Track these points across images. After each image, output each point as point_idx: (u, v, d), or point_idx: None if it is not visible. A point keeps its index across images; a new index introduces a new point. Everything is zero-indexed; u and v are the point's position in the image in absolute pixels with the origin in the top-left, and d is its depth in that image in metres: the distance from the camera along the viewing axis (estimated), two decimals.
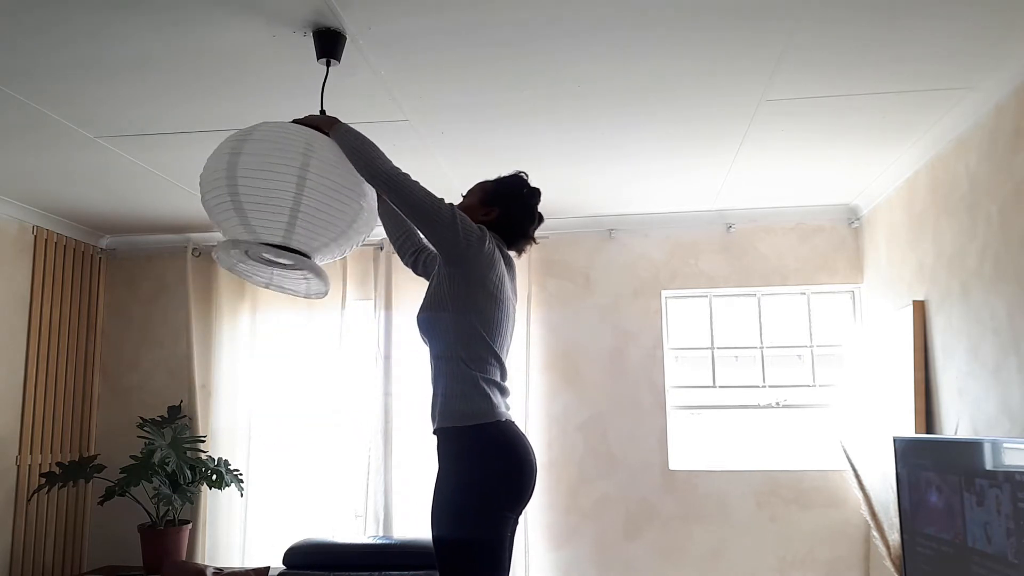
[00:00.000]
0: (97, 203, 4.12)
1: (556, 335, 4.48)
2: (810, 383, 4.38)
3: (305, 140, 2.04)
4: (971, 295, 3.02)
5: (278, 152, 2.00)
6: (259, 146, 2.01)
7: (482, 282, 2.13)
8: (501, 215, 2.26)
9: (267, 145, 2.01)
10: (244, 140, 2.03)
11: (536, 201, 2.35)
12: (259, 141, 2.02)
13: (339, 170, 2.07)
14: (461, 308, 2.12)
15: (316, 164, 2.01)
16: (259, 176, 1.98)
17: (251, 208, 2.01)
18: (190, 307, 4.59)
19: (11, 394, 4.11)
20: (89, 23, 2.29)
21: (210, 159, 2.09)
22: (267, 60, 2.53)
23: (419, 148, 3.32)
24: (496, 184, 2.33)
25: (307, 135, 2.07)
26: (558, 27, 2.34)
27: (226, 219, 2.07)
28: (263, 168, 1.98)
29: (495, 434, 2.09)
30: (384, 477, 4.31)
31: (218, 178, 2.02)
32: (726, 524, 4.23)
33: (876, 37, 2.42)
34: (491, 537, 2.05)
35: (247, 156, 2.00)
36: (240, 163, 1.99)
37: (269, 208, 2.00)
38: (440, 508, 2.06)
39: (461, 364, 2.11)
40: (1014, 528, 2.27)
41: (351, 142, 2.08)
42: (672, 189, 4.00)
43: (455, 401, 2.09)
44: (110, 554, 4.54)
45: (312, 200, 2.01)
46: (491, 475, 2.06)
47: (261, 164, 1.98)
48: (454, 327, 2.12)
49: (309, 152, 2.02)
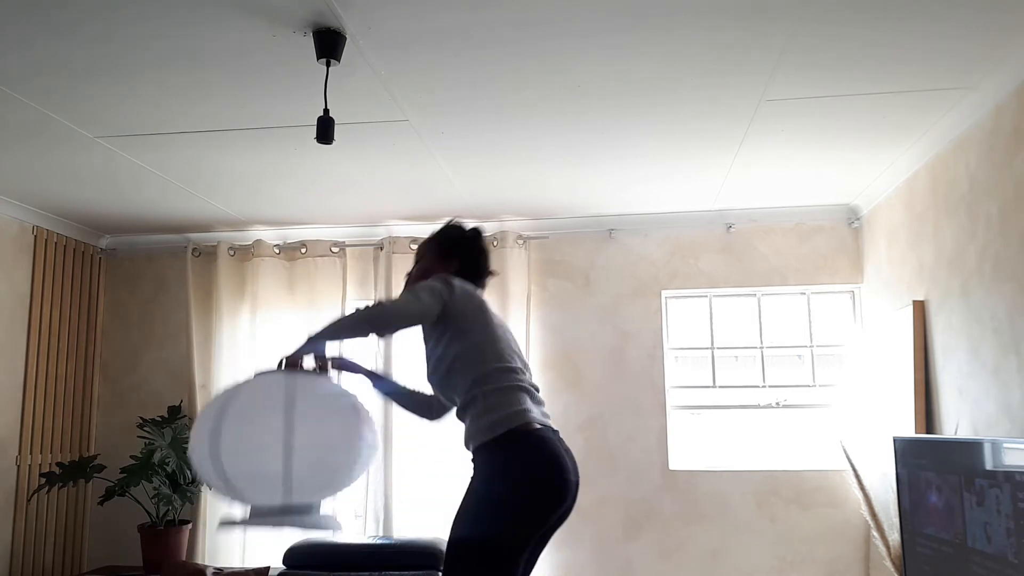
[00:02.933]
0: (97, 203, 4.12)
1: (556, 335, 4.48)
2: (810, 383, 4.38)
3: (283, 402, 1.90)
4: (971, 295, 3.02)
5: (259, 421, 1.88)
6: (238, 416, 1.90)
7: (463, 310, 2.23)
8: (462, 262, 2.40)
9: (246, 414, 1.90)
10: (222, 416, 1.90)
11: (482, 239, 2.50)
12: (238, 410, 1.91)
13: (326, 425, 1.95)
14: (461, 341, 2.20)
15: (301, 428, 1.87)
16: (243, 459, 1.88)
17: (244, 487, 1.91)
18: (190, 307, 4.59)
19: (11, 394, 4.12)
20: (89, 25, 2.29)
21: (193, 433, 1.98)
22: (267, 60, 2.53)
23: (419, 148, 3.32)
24: (441, 238, 2.47)
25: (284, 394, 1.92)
26: (558, 27, 2.34)
27: (221, 491, 1.97)
28: (245, 450, 1.87)
29: (525, 438, 2.06)
30: (384, 477, 4.31)
31: (203, 457, 1.92)
32: (726, 524, 4.23)
33: (876, 37, 2.42)
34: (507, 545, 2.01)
35: (227, 431, 1.88)
36: (222, 447, 1.87)
37: (261, 486, 1.89)
38: (461, 512, 2.06)
39: (483, 384, 2.16)
40: (1014, 528, 2.27)
41: (340, 334, 2.12)
42: (672, 189, 4.00)
43: (486, 415, 2.11)
44: (110, 554, 4.54)
45: (304, 467, 1.88)
46: (520, 485, 2.02)
47: (242, 446, 1.87)
48: (464, 359, 2.19)
49: (290, 414, 1.89)
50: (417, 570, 3.69)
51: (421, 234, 4.33)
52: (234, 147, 3.31)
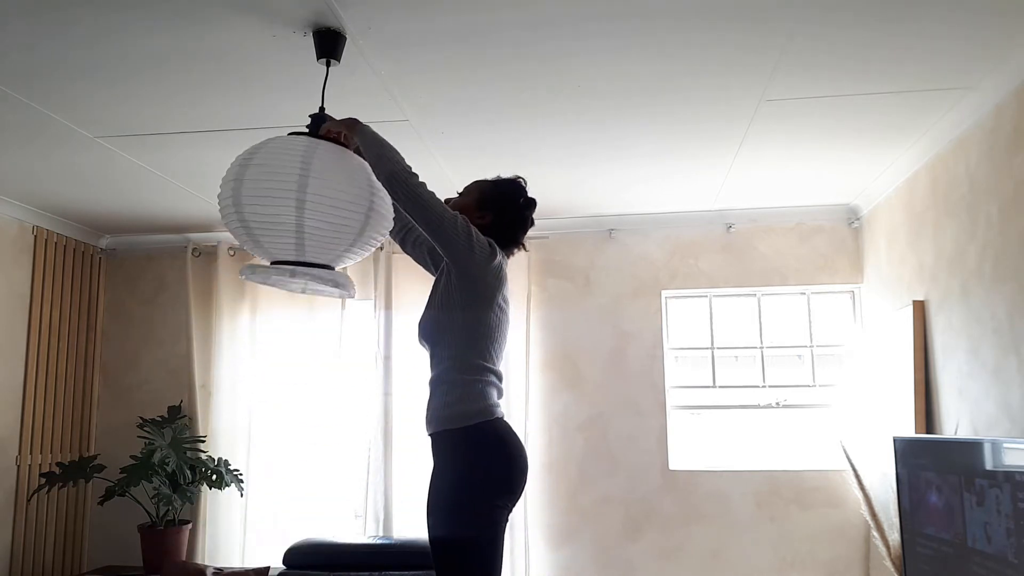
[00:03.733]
0: (97, 203, 4.12)
1: (556, 335, 4.48)
2: (810, 383, 4.38)
3: (301, 160, 2.07)
4: (971, 295, 3.02)
5: (274, 177, 2.06)
6: (257, 171, 2.08)
7: (491, 293, 2.18)
8: (494, 221, 2.27)
9: (264, 170, 2.07)
10: (245, 166, 2.10)
11: (531, 212, 2.36)
12: (257, 166, 2.09)
13: (339, 185, 2.10)
14: (470, 315, 2.15)
15: (314, 183, 2.06)
16: (260, 203, 2.07)
17: (260, 233, 2.11)
18: (190, 307, 4.59)
19: (11, 394, 4.12)
20: (89, 25, 2.29)
21: (222, 182, 2.17)
22: (267, 60, 2.53)
23: (419, 148, 3.32)
24: (493, 188, 2.33)
25: (304, 153, 2.09)
26: (558, 27, 2.34)
27: (244, 242, 2.18)
28: (262, 195, 2.06)
29: (489, 431, 2.12)
30: (384, 477, 4.31)
31: (227, 206, 2.13)
32: (726, 524, 4.23)
33: (876, 37, 2.42)
34: (487, 534, 2.07)
35: (248, 183, 2.08)
36: (243, 191, 2.08)
37: (275, 231, 2.09)
38: (436, 505, 2.08)
39: (464, 369, 2.14)
40: (1014, 528, 2.27)
41: (373, 149, 2.09)
42: (672, 189, 4.00)
43: (456, 405, 2.12)
44: (110, 554, 4.54)
45: (314, 219, 2.06)
46: (486, 470, 2.09)
47: (260, 191, 2.06)
48: (462, 332, 2.15)
49: (306, 173, 2.06)
50: (417, 570, 3.69)
51: None
52: (234, 147, 3.29)
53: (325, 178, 2.08)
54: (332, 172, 2.10)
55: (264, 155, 2.11)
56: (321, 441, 4.53)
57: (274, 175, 2.06)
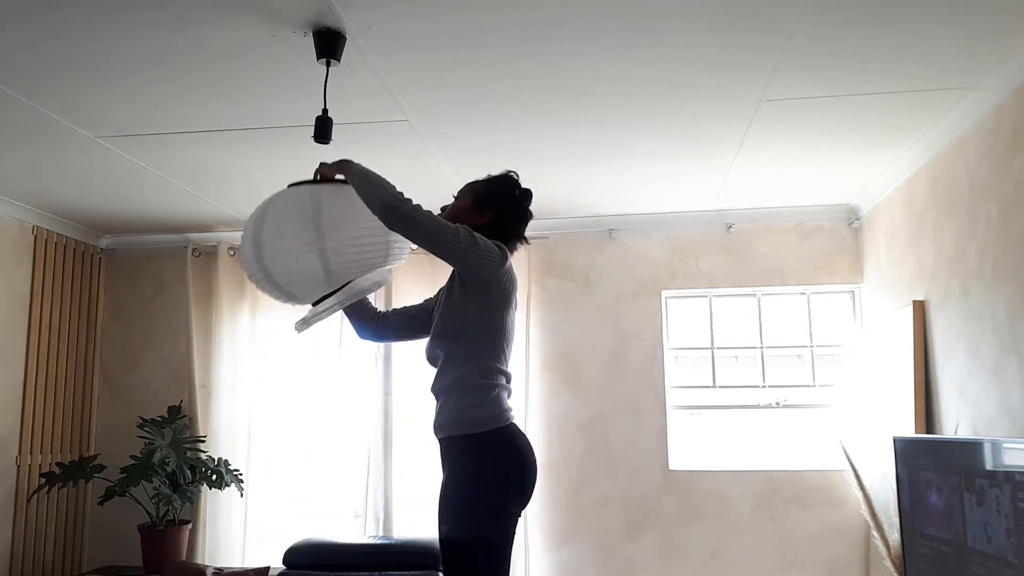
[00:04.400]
0: (97, 203, 4.12)
1: (556, 335, 4.48)
2: (810, 383, 4.38)
3: (311, 210, 2.10)
4: (971, 295, 3.02)
5: (291, 235, 2.09)
6: (272, 233, 2.11)
7: (507, 297, 2.17)
8: (494, 218, 2.25)
9: (279, 230, 2.11)
10: (259, 228, 2.13)
11: (528, 202, 2.34)
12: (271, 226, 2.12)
13: (353, 222, 2.12)
14: (487, 321, 2.15)
15: (330, 230, 2.09)
16: (285, 263, 2.11)
17: (294, 289, 2.16)
18: (190, 307, 4.58)
19: (11, 394, 4.11)
20: (90, 25, 2.29)
21: (240, 248, 2.22)
22: (267, 60, 2.53)
23: (419, 148, 3.31)
24: (488, 185, 2.31)
25: (312, 202, 2.11)
26: (558, 27, 2.34)
27: (278, 297, 2.22)
28: (284, 255, 2.10)
29: (504, 437, 2.13)
30: (384, 477, 4.31)
31: (255, 272, 2.16)
32: (726, 524, 4.23)
33: (876, 37, 2.42)
34: (501, 537, 2.09)
35: (267, 246, 2.11)
36: (265, 256, 2.11)
37: (307, 284, 2.14)
38: (450, 508, 2.08)
39: (481, 374, 2.14)
40: (1014, 528, 2.27)
41: (361, 185, 2.07)
42: (672, 189, 4.00)
43: (473, 410, 2.12)
44: (110, 554, 4.54)
45: (341, 261, 2.12)
46: (500, 474, 2.10)
47: (281, 251, 2.10)
48: (480, 338, 2.15)
49: (319, 221, 2.09)
50: (417, 570, 3.69)
51: None
52: (234, 147, 3.31)
53: (339, 220, 2.10)
54: (343, 212, 2.11)
55: (274, 214, 2.13)
56: (321, 441, 4.53)
57: (290, 234, 2.09)
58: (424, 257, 4.40)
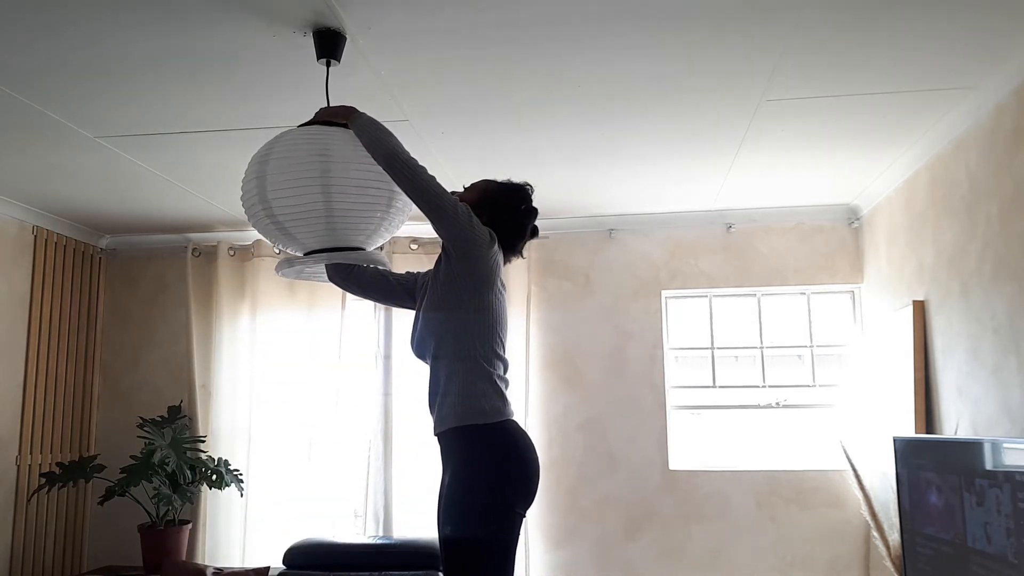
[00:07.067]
0: (97, 203, 4.12)
1: (556, 335, 4.48)
2: (810, 383, 4.38)
3: (320, 146, 2.12)
4: (971, 295, 3.02)
5: (297, 168, 2.10)
6: (279, 165, 2.12)
7: (490, 281, 2.15)
8: (491, 223, 2.19)
9: (286, 163, 2.11)
10: (266, 161, 2.14)
11: (531, 220, 2.31)
12: (278, 159, 2.13)
13: (361, 165, 2.13)
14: (476, 301, 2.13)
15: (336, 167, 2.11)
16: (287, 195, 2.11)
17: (291, 225, 2.15)
18: (190, 307, 4.58)
19: (11, 394, 4.11)
20: (89, 25, 2.29)
21: (243, 183, 2.21)
22: (267, 60, 2.53)
23: (419, 148, 3.31)
24: (498, 190, 2.29)
25: (322, 140, 2.13)
26: (558, 27, 2.34)
27: (275, 237, 2.22)
28: (288, 187, 2.10)
29: (504, 433, 2.12)
30: (384, 477, 4.31)
31: (254, 204, 2.17)
32: (726, 524, 4.23)
33: (876, 37, 2.42)
34: (506, 538, 2.06)
35: (271, 178, 2.12)
36: (268, 186, 2.12)
37: (306, 221, 2.13)
38: (455, 508, 2.06)
39: (480, 362, 2.12)
40: (1014, 528, 2.27)
41: (369, 133, 2.10)
42: (672, 189, 4.00)
43: (476, 400, 2.10)
44: (110, 554, 4.54)
45: (342, 202, 2.12)
46: (504, 474, 2.08)
47: (285, 183, 2.10)
48: (472, 325, 2.13)
49: (326, 158, 2.11)
50: (417, 570, 3.69)
51: (422, 234, 4.34)
52: (234, 147, 3.31)
53: (346, 161, 2.11)
54: (351, 155, 2.13)
55: (282, 148, 2.14)
56: (321, 441, 4.52)
57: (297, 166, 2.09)
58: (424, 257, 4.42)
